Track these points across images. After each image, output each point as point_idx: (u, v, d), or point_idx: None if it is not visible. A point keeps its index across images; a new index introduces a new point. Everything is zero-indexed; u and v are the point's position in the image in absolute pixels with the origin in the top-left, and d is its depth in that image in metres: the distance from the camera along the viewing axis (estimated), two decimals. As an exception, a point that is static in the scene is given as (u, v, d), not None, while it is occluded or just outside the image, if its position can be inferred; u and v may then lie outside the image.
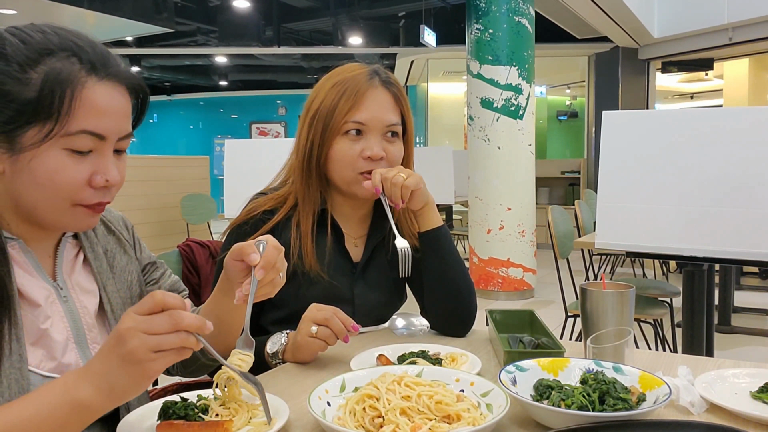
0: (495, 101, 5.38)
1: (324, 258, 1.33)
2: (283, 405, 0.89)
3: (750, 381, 0.98)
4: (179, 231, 6.14)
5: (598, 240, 2.25)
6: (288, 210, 1.35)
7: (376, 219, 1.43)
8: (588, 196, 5.59)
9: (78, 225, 0.89)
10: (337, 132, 1.31)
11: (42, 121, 0.80)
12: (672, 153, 2.13)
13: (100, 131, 0.83)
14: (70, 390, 0.72)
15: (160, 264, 1.14)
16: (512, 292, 5.57)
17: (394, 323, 1.18)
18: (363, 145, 1.31)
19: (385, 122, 1.32)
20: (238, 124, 14.90)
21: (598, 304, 1.10)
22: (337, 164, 1.32)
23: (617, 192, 2.21)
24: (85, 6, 6.14)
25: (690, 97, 12.70)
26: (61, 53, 0.82)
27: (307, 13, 9.79)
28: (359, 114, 1.30)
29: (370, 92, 1.31)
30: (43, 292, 0.90)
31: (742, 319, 4.66)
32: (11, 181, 0.83)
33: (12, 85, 0.79)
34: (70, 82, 0.81)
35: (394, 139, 1.35)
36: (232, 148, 4.42)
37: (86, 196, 0.85)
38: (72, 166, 0.82)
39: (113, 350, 0.71)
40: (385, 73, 1.37)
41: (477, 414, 0.83)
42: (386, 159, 1.32)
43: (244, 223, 1.34)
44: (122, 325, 0.71)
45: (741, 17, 6.84)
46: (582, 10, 6.79)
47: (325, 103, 1.32)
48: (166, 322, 0.70)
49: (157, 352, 0.70)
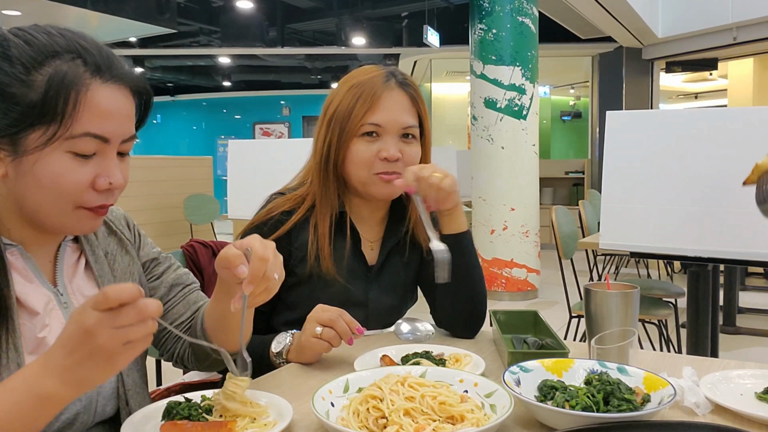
0: (498, 101, 5.38)
1: (341, 261, 1.33)
2: (286, 405, 0.89)
3: (755, 382, 0.98)
4: (182, 231, 6.15)
5: (602, 240, 2.24)
6: (306, 211, 1.35)
7: (392, 223, 1.43)
8: (592, 196, 5.58)
9: (80, 228, 0.89)
10: (354, 134, 1.31)
11: (46, 123, 0.79)
12: (676, 153, 2.13)
13: (104, 134, 0.83)
14: (32, 386, 0.71)
15: (164, 259, 1.13)
16: (516, 292, 5.56)
17: (399, 328, 1.17)
18: (379, 146, 1.31)
19: (401, 124, 1.32)
20: (241, 124, 14.91)
21: (603, 304, 1.10)
22: (353, 166, 1.32)
23: (621, 192, 2.21)
24: (88, 7, 6.15)
25: (694, 97, 12.67)
26: (66, 55, 0.81)
27: (311, 14, 9.79)
28: (375, 116, 1.30)
29: (387, 94, 1.32)
30: (42, 298, 0.89)
31: (747, 319, 4.65)
32: (14, 184, 0.83)
33: (17, 88, 0.79)
34: (75, 84, 0.80)
35: (411, 141, 1.35)
36: (235, 149, 4.43)
37: (89, 199, 0.85)
38: (75, 169, 0.82)
39: (80, 346, 0.70)
40: (401, 74, 1.37)
41: (481, 415, 0.83)
42: (403, 160, 1.32)
43: (263, 224, 1.34)
44: (85, 321, 0.69)
45: (745, 17, 6.82)
46: (586, 10, 6.78)
47: (342, 105, 1.32)
48: (134, 315, 0.69)
49: (127, 343, 0.70)
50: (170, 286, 1.11)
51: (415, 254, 1.44)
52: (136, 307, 0.70)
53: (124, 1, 6.53)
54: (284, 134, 14.35)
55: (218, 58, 11.82)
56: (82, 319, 0.69)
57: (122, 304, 0.69)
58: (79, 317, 0.70)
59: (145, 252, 1.10)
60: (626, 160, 2.20)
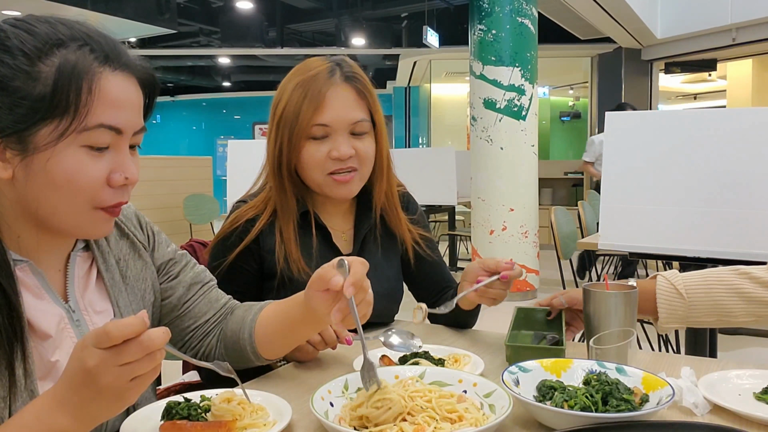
0: (498, 102, 5.38)
1: (311, 259, 1.32)
2: (286, 405, 0.89)
3: (753, 382, 0.98)
4: (182, 231, 6.15)
5: (601, 241, 2.25)
6: (269, 216, 1.33)
7: (361, 210, 1.43)
8: (591, 197, 5.57)
9: (96, 231, 0.85)
10: (303, 136, 1.28)
11: (58, 116, 0.75)
12: (675, 154, 2.13)
13: (118, 125, 0.79)
14: (45, 421, 0.69)
15: (179, 257, 1.08)
16: (515, 293, 5.56)
17: (389, 340, 1.16)
18: (330, 145, 1.29)
19: (349, 120, 1.29)
20: (241, 124, 14.91)
21: (601, 305, 1.10)
22: (307, 169, 1.31)
23: (620, 193, 2.21)
24: (88, 7, 6.14)
25: (693, 97, 12.67)
26: (72, 44, 0.77)
27: (311, 14, 9.79)
28: (322, 115, 1.27)
29: (332, 91, 1.28)
30: (54, 318, 0.85)
31: (745, 320, 4.64)
32: (24, 187, 0.78)
33: (21, 81, 0.74)
34: (86, 73, 0.76)
35: (363, 136, 1.32)
36: (234, 149, 4.43)
37: (106, 197, 0.81)
38: (91, 165, 0.78)
39: (85, 386, 0.66)
40: (348, 66, 1.33)
41: (480, 415, 0.83)
42: (357, 157, 1.31)
43: (228, 237, 1.33)
44: (87, 362, 0.65)
45: (745, 18, 6.82)
46: (585, 10, 6.78)
47: (289, 106, 1.29)
48: (138, 351, 0.65)
49: (134, 379, 0.67)
50: (189, 285, 1.08)
51: (392, 242, 1.45)
52: (140, 342, 0.65)
53: (124, 1, 6.53)
54: (284, 134, 14.34)
55: (218, 59, 11.82)
56: (84, 359, 0.65)
57: (126, 340, 0.65)
58: (81, 355, 0.66)
59: (161, 253, 1.06)
60: (625, 161, 2.20)
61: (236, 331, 1.07)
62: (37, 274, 0.85)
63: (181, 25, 8.23)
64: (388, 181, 1.41)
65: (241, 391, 0.90)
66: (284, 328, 1.03)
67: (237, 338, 1.06)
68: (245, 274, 1.33)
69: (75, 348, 0.68)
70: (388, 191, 1.42)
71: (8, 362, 0.78)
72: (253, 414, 0.88)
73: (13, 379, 0.78)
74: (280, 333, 1.04)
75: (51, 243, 0.87)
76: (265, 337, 1.05)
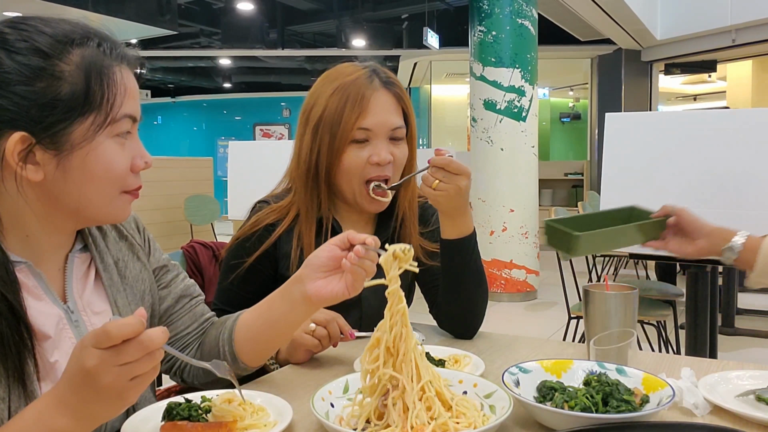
0: (498, 103, 5.39)
1: None
2: (286, 406, 0.89)
3: (754, 383, 0.98)
4: (183, 232, 6.15)
5: (601, 242, 2.24)
6: (291, 221, 1.33)
7: (381, 219, 1.42)
8: (591, 197, 5.58)
9: (125, 214, 0.89)
10: (346, 140, 1.27)
11: (94, 112, 0.79)
12: (675, 154, 2.13)
13: (135, 113, 0.85)
14: (46, 421, 0.69)
15: (172, 266, 1.10)
16: (515, 293, 5.56)
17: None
18: (370, 151, 1.28)
19: (390, 126, 1.29)
20: (241, 125, 14.92)
21: (601, 305, 1.10)
22: (345, 174, 1.30)
23: (620, 193, 2.21)
24: (89, 8, 6.15)
25: (693, 98, 12.68)
26: (83, 41, 0.80)
27: (311, 16, 9.80)
28: (366, 120, 1.27)
29: (374, 96, 1.28)
30: (53, 319, 0.85)
31: (745, 320, 4.65)
32: (55, 185, 0.80)
33: (46, 81, 0.76)
34: (105, 68, 0.81)
35: (400, 142, 1.33)
36: (235, 150, 4.43)
37: (131, 182, 0.86)
38: (120, 153, 0.83)
39: (85, 386, 0.67)
40: (384, 72, 1.34)
41: (480, 415, 0.83)
42: (393, 163, 1.31)
43: (248, 239, 1.33)
44: (87, 362, 0.65)
45: (744, 19, 6.83)
46: (585, 12, 6.79)
47: (329, 110, 1.28)
48: (138, 350, 0.66)
49: (134, 378, 0.67)
50: (178, 297, 1.08)
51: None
52: (140, 342, 0.65)
53: (125, 2, 6.54)
54: (284, 136, 14.35)
55: (219, 60, 11.83)
56: (84, 359, 0.66)
57: (125, 340, 0.65)
58: (80, 356, 0.66)
59: (155, 258, 1.07)
60: (625, 162, 2.21)
61: (216, 337, 1.06)
62: (36, 275, 0.86)
63: (181, 26, 8.24)
64: (413, 188, 1.40)
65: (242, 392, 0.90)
66: (266, 327, 1.03)
67: (216, 343, 1.05)
68: (261, 277, 1.33)
69: (74, 348, 0.68)
70: (412, 198, 1.41)
71: (18, 371, 0.78)
72: (254, 415, 0.88)
73: (25, 383, 0.79)
74: (262, 332, 1.03)
75: (54, 243, 0.88)
76: (246, 341, 1.04)
